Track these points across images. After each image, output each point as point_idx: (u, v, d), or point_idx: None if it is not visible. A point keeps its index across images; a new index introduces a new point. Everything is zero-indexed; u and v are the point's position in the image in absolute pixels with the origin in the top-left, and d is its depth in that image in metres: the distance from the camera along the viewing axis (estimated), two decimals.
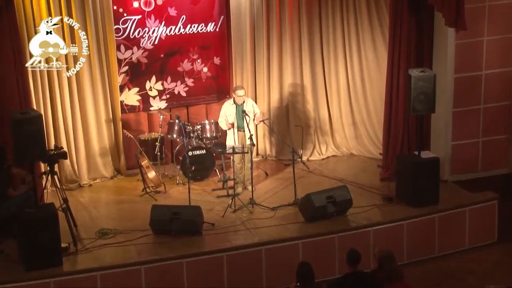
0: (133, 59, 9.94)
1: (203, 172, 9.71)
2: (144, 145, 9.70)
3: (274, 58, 10.49)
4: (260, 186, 9.41)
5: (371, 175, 9.65)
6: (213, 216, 8.31)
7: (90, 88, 9.58)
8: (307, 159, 10.56)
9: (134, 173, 9.95)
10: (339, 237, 7.83)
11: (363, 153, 10.67)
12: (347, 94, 10.73)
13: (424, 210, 8.31)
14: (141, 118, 10.35)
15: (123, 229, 7.98)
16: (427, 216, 8.26)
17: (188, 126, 9.82)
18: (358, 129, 10.76)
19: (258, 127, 10.57)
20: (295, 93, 10.65)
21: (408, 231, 8.13)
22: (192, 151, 9.55)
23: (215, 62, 10.50)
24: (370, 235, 7.95)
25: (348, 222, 8.08)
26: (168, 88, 10.28)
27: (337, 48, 10.53)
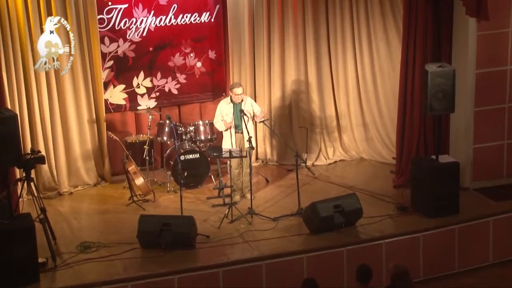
0: (118, 53, 9.92)
1: (196, 179, 9.68)
2: (131, 149, 9.68)
3: (276, 52, 10.48)
4: (260, 194, 9.39)
5: (383, 182, 9.63)
6: (208, 228, 8.28)
7: (70, 85, 9.56)
8: (312, 164, 10.55)
9: (120, 180, 9.93)
10: (348, 251, 7.80)
11: (374, 157, 10.66)
12: (357, 91, 10.72)
13: (442, 221, 8.28)
14: (128, 119, 10.33)
15: (108, 242, 7.94)
16: (446, 227, 8.24)
17: (180, 128, 9.80)
18: (369, 130, 10.75)
19: (258, 129, 10.55)
20: (298, 91, 10.64)
21: (425, 244, 8.10)
22: (184, 155, 9.52)
23: (210, 56, 10.47)
24: (382, 248, 7.92)
25: (358, 234, 8.06)
26: (157, 85, 10.26)
27: (345, 40, 10.52)
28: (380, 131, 10.64)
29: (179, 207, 8.36)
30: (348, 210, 8.09)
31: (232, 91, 8.96)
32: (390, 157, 10.34)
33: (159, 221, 7.79)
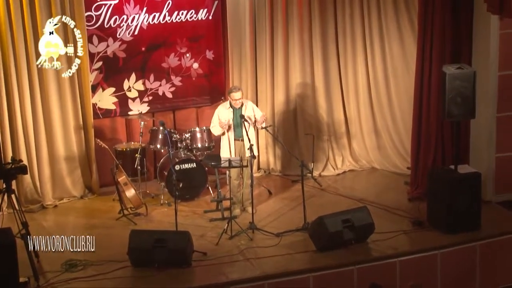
0: (108, 53, 9.93)
1: (193, 191, 9.67)
2: (122, 157, 9.66)
3: (279, 52, 10.48)
4: (262, 208, 9.37)
5: (397, 194, 9.62)
6: (205, 244, 8.26)
7: (55, 88, 9.56)
8: (319, 174, 10.55)
9: (109, 192, 9.92)
10: (359, 270, 7.76)
11: (387, 167, 10.66)
12: (368, 95, 10.72)
13: (462, 237, 8.25)
14: (118, 125, 10.33)
15: (96, 260, 7.90)
16: (466, 244, 8.20)
17: (174, 134, 9.79)
18: (381, 137, 10.75)
19: (260, 136, 10.54)
20: (304, 95, 10.63)
21: (443, 262, 8.07)
22: (179, 164, 9.51)
23: (207, 56, 10.48)
24: (396, 267, 7.90)
25: (370, 251, 8.03)
26: (150, 88, 10.26)
27: (355, 39, 10.53)
28: (394, 139, 10.64)
29: (173, 222, 8.32)
30: (358, 225, 8.06)
31: (230, 96, 8.94)
32: (404, 167, 10.33)
33: (152, 236, 7.76)
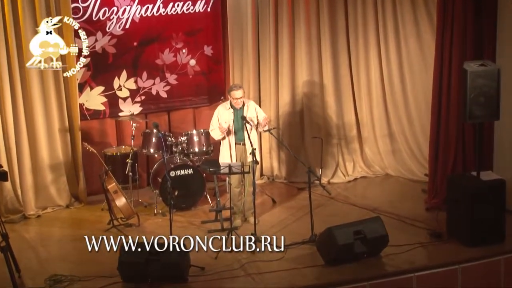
0: (96, 48, 9.95)
1: (189, 199, 9.67)
2: (112, 163, 9.67)
3: (284, 48, 10.49)
4: (266, 218, 9.36)
5: (413, 203, 9.62)
6: (203, 258, 8.23)
7: (39, 87, 9.58)
8: (328, 181, 10.56)
9: (97, 200, 9.93)
10: (372, 286, 7.74)
11: (402, 174, 10.67)
12: (381, 95, 10.74)
13: (485, 250, 8.21)
14: (107, 127, 10.36)
15: (83, 275, 7.88)
16: (489, 258, 8.15)
17: (169, 138, 9.79)
18: (396, 141, 10.76)
19: (263, 139, 10.53)
20: (312, 94, 10.64)
21: (464, 278, 8.03)
22: (175, 170, 9.51)
23: (205, 52, 10.49)
24: (412, 283, 7.86)
25: (383, 266, 8.00)
26: (143, 87, 10.28)
27: (368, 33, 10.55)
28: (410, 142, 10.65)
29: (168, 233, 8.31)
30: (371, 237, 8.04)
31: (230, 95, 8.93)
32: (421, 173, 10.34)
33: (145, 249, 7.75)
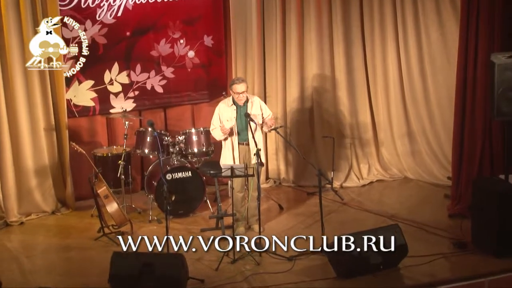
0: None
1: (187, 205, 9.67)
2: (102, 165, 9.65)
3: (292, 39, 10.50)
4: (272, 225, 9.35)
5: (435, 210, 9.61)
6: (203, 269, 8.24)
7: (22, 82, 9.59)
8: (341, 185, 10.57)
9: (86, 206, 9.94)
10: None
11: (423, 177, 10.67)
12: (400, 90, 10.75)
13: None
14: (98, 125, 10.37)
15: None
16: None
17: (166, 137, 9.79)
18: (416, 141, 10.77)
19: (269, 139, 10.51)
20: (322, 90, 10.64)
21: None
22: (172, 173, 9.50)
23: (205, 43, 10.50)
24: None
25: (402, 279, 7.98)
26: (136, 81, 10.29)
27: (384, 22, 10.56)
28: (431, 142, 10.66)
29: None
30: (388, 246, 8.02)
31: (232, 89, 8.91)
32: (444, 176, 10.34)
33: (138, 260, 7.73)
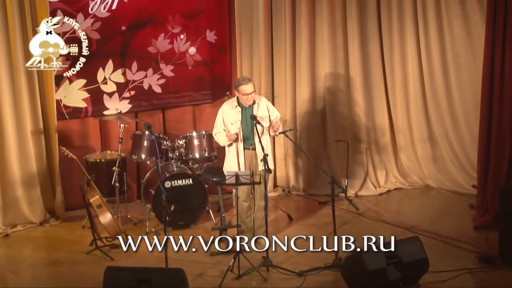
0: (77, 34, 9.93)
1: (188, 215, 9.66)
2: (95, 171, 9.66)
3: (303, 34, 10.52)
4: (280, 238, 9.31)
5: (459, 221, 9.59)
6: (205, 285, 8.24)
7: (8, 82, 9.62)
8: (356, 194, 10.58)
9: (77, 217, 9.94)
10: None
11: (445, 185, 10.67)
12: (420, 90, 10.76)
13: None
14: (90, 128, 10.40)
15: None
16: None
17: (164, 141, 9.79)
18: (438, 146, 10.77)
19: (277, 143, 10.51)
20: (336, 90, 10.64)
21: None
22: (171, 180, 9.50)
23: (208, 39, 10.52)
24: None
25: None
26: (133, 80, 10.32)
27: (403, 17, 10.56)
28: (454, 147, 10.66)
29: (162, 256, 8.26)
30: (407, 261, 8.00)
31: (238, 90, 8.91)
32: (469, 184, 10.34)
33: (134, 276, 7.72)
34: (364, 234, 9.14)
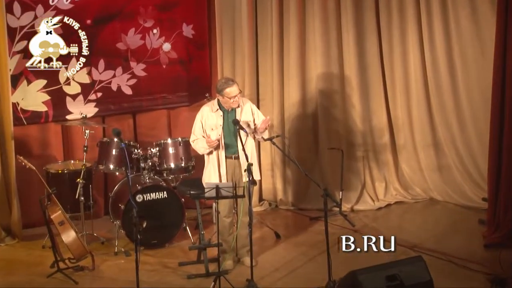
0: (36, 28, 9.96)
1: (162, 233, 9.64)
2: (57, 184, 9.61)
3: (292, 28, 10.56)
4: (267, 258, 9.33)
5: (467, 238, 9.61)
6: None
7: None
8: (351, 208, 10.60)
9: (37, 235, 9.92)
10: None
11: (452, 198, 10.72)
12: (424, 91, 10.80)
13: None
14: (51, 135, 10.37)
15: None
16: None
17: (135, 149, 9.77)
18: (444, 154, 10.82)
19: (263, 151, 10.54)
20: (329, 91, 10.68)
21: None
22: (143, 194, 9.48)
23: (185, 33, 10.53)
24: None
25: None
26: (99, 81, 10.31)
27: (404, 7, 10.62)
28: (462, 155, 10.70)
29: (133, 279, 8.25)
30: (409, 283, 7.99)
31: (222, 94, 8.86)
32: (478, 197, 10.37)
33: None
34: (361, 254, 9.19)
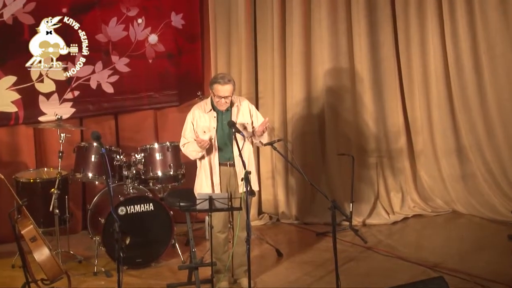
0: (4, 17, 10.00)
1: (148, 250, 9.61)
2: (28, 194, 9.58)
3: (295, 18, 10.56)
4: (268, 278, 9.31)
5: (495, 256, 9.59)
6: None
7: None
8: (363, 222, 10.62)
9: (5, 253, 9.93)
10: None
11: (478, 211, 10.72)
12: (445, 90, 10.81)
13: None
14: (21, 139, 10.38)
15: None
16: None
17: (118, 155, 9.75)
18: (469, 161, 10.83)
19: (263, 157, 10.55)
20: (338, 89, 10.69)
21: None
22: (126, 206, 9.45)
23: (173, 23, 10.55)
24: None
25: None
26: (77, 77, 10.33)
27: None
28: (489, 162, 10.71)
29: None
30: None
31: (212, 89, 8.85)
32: (508, 210, 10.36)
33: None
34: (374, 273, 9.18)
